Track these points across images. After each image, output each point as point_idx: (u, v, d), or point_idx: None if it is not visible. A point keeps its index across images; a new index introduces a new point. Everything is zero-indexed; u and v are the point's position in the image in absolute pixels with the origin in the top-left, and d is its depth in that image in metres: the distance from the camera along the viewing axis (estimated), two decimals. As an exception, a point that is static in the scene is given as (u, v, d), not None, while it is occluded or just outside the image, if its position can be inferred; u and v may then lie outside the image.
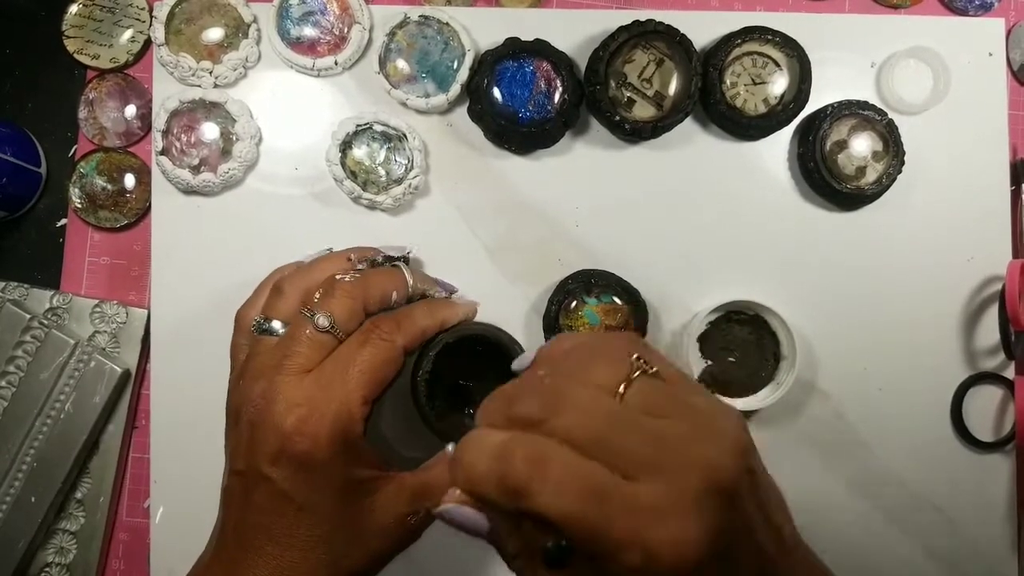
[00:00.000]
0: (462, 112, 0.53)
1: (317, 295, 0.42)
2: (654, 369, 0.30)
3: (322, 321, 0.40)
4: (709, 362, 0.52)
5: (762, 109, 0.51)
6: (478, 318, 0.48)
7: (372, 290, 0.42)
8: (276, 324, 0.42)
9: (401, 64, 0.52)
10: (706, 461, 0.28)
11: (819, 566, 0.33)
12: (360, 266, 0.45)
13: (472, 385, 0.48)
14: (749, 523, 0.29)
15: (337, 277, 0.42)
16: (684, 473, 0.27)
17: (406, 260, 0.48)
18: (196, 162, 0.52)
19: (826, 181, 0.51)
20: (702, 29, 0.52)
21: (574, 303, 0.51)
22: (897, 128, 0.51)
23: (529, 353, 0.36)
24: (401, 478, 0.41)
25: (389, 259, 0.47)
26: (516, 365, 0.37)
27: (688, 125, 0.53)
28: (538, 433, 0.28)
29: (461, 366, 0.47)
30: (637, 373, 0.30)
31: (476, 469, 0.29)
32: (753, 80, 0.51)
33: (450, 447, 0.31)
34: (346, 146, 0.51)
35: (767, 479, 0.31)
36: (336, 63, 0.52)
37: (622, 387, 0.29)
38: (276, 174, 0.53)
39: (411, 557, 0.42)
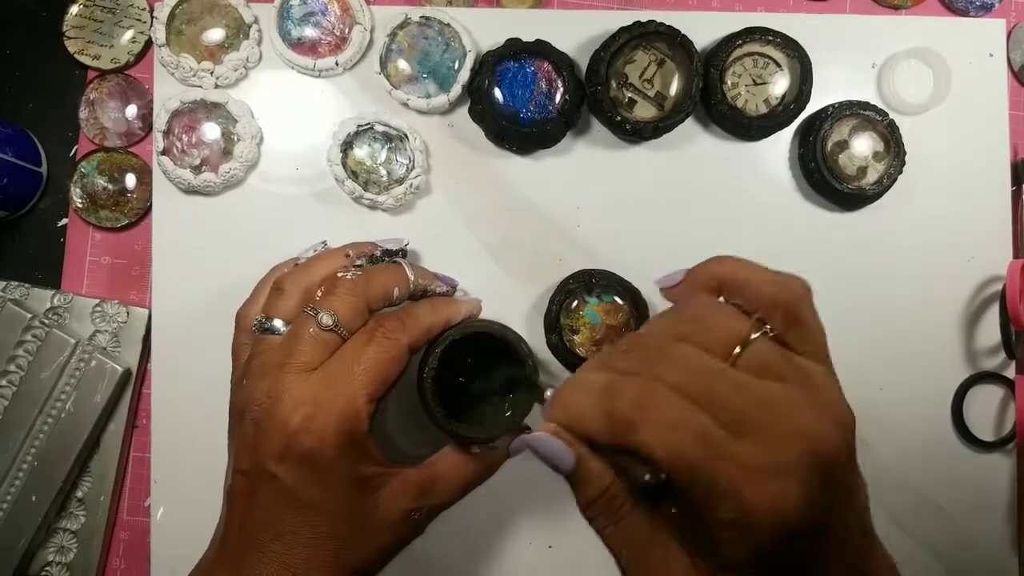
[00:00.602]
0: (463, 112, 0.53)
1: (319, 293, 0.41)
2: (772, 333, 0.30)
3: (326, 319, 0.40)
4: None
5: (763, 109, 0.51)
6: (480, 316, 0.48)
7: (374, 287, 0.42)
8: (278, 323, 0.42)
9: (402, 65, 0.52)
10: (812, 431, 0.28)
11: (891, 558, 0.33)
12: (359, 262, 0.45)
13: (478, 382, 0.48)
14: (842, 499, 0.29)
15: (339, 275, 0.42)
16: (790, 439, 0.27)
17: (404, 253, 0.48)
18: (197, 162, 0.52)
19: (827, 181, 0.51)
20: (703, 30, 0.52)
21: (575, 302, 0.51)
22: (898, 128, 0.51)
23: (676, 274, 0.35)
24: (406, 474, 0.41)
25: (388, 253, 0.47)
26: (661, 283, 0.36)
27: (689, 126, 0.53)
28: (643, 377, 0.29)
29: (467, 363, 0.47)
30: (757, 334, 0.30)
31: (580, 402, 0.29)
32: (754, 80, 0.51)
33: (549, 392, 0.31)
34: (347, 146, 0.51)
35: (858, 466, 0.31)
36: (337, 64, 0.52)
37: (738, 348, 0.29)
38: (277, 174, 0.53)
39: (413, 556, 0.42)
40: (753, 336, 0.30)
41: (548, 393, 0.31)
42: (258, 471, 0.39)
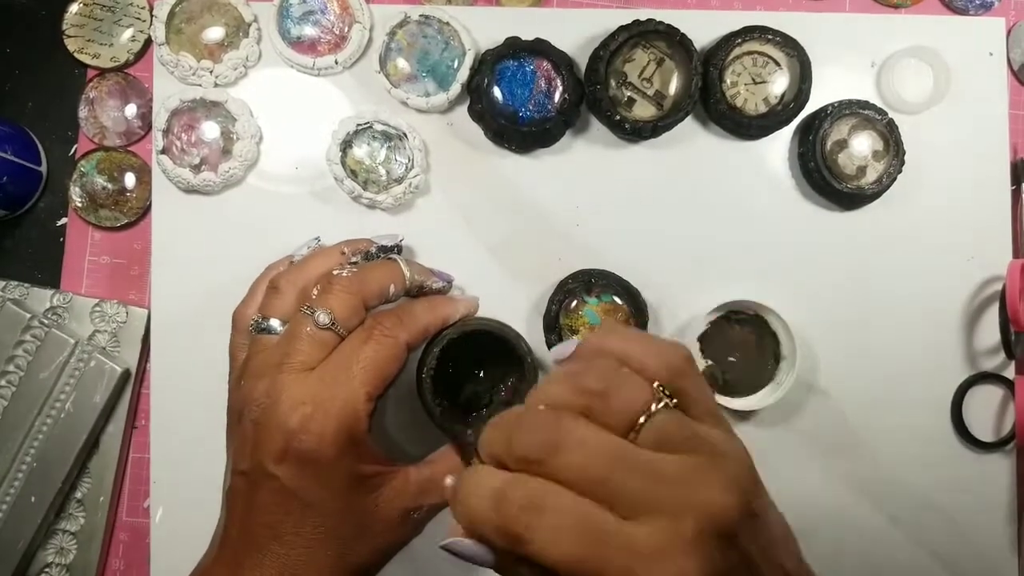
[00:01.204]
0: (462, 111, 0.53)
1: (315, 292, 0.41)
2: (674, 402, 0.30)
3: (322, 318, 0.40)
4: (709, 362, 0.52)
5: (762, 108, 0.51)
6: (479, 314, 0.48)
7: (370, 284, 0.42)
8: (274, 323, 0.42)
9: (401, 63, 0.52)
10: (707, 502, 0.27)
11: None
12: (354, 259, 0.45)
13: (476, 380, 0.48)
14: (750, 563, 0.28)
15: (334, 273, 0.42)
16: (683, 513, 0.27)
17: (399, 249, 0.48)
18: (197, 161, 0.52)
19: (826, 180, 0.51)
20: (702, 28, 0.52)
21: (574, 302, 0.51)
22: (897, 127, 0.51)
23: (568, 345, 0.34)
24: (406, 472, 0.41)
25: (383, 250, 0.47)
26: (554, 355, 0.35)
27: (688, 124, 0.53)
28: (537, 474, 0.28)
29: (465, 361, 0.47)
30: (658, 405, 0.29)
31: (475, 511, 0.28)
32: (753, 79, 0.51)
33: (449, 480, 0.31)
34: (346, 145, 0.51)
35: (774, 515, 0.31)
36: (336, 62, 0.52)
37: (642, 419, 0.29)
38: (276, 173, 0.53)
39: (412, 554, 0.42)
40: (654, 408, 0.29)
41: (449, 481, 0.31)
42: (258, 472, 0.39)
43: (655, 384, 0.30)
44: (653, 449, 0.28)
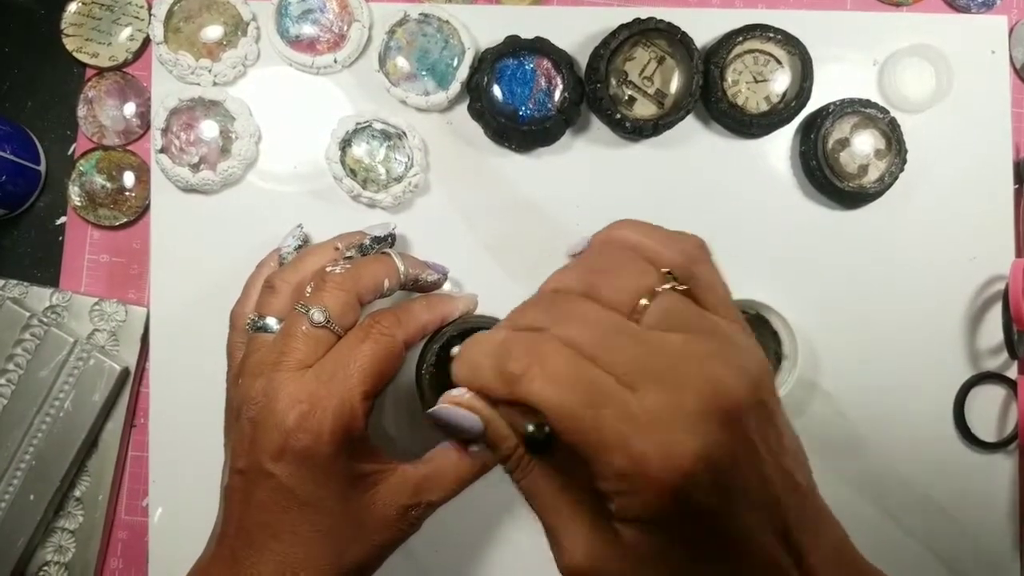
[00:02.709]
0: (462, 110, 0.52)
1: (308, 290, 0.41)
2: (683, 287, 0.30)
3: (317, 316, 0.40)
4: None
5: (764, 107, 0.51)
6: (477, 312, 0.48)
7: (364, 280, 0.42)
8: (270, 321, 0.42)
9: (401, 62, 0.52)
10: (714, 379, 0.27)
11: (836, 521, 0.31)
12: (349, 253, 0.45)
13: None
14: (753, 453, 0.28)
15: (327, 269, 0.42)
16: (688, 387, 0.27)
17: (392, 239, 0.48)
18: (195, 160, 0.51)
19: (828, 179, 0.51)
20: (703, 26, 0.52)
21: (574, 302, 0.51)
22: (899, 126, 0.51)
23: (582, 239, 0.35)
24: (403, 470, 0.41)
25: (376, 241, 0.47)
26: (568, 249, 0.36)
27: (689, 123, 0.53)
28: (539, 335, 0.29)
29: None
30: (664, 287, 0.29)
31: (476, 360, 0.29)
32: (755, 78, 0.51)
33: (455, 349, 0.32)
34: (346, 144, 0.51)
35: (788, 427, 0.30)
36: (335, 61, 0.52)
37: (644, 301, 0.29)
38: (275, 172, 0.53)
39: (412, 553, 0.42)
40: (659, 289, 0.29)
41: (454, 350, 0.32)
42: (255, 470, 0.39)
43: (664, 270, 0.30)
44: (658, 329, 0.28)
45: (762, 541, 0.28)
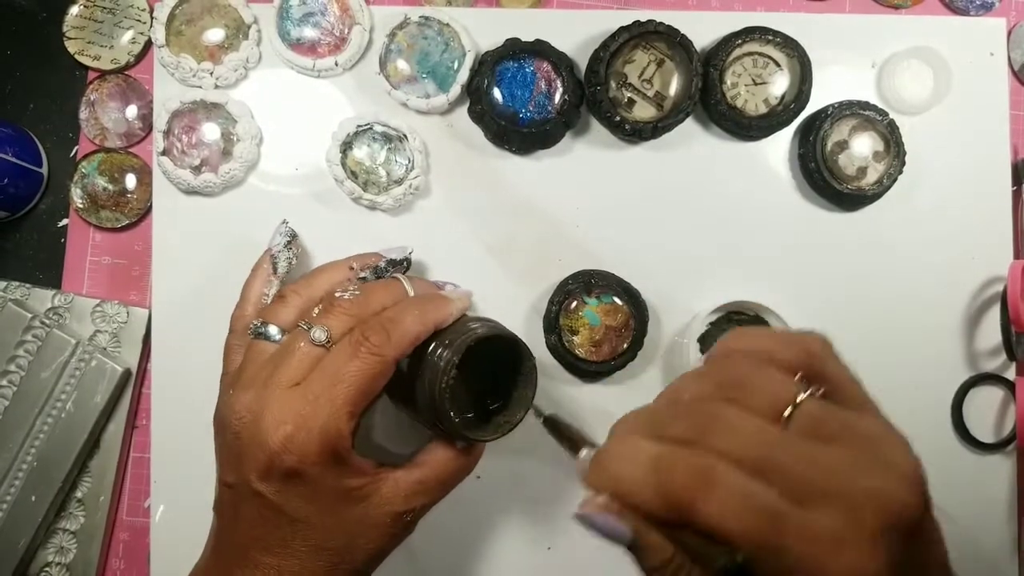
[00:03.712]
0: (462, 113, 0.53)
1: (316, 311, 0.41)
2: (820, 391, 0.29)
3: (318, 335, 0.40)
4: (709, 363, 0.52)
5: (763, 109, 0.51)
6: (475, 313, 0.48)
7: (372, 307, 0.42)
8: (272, 329, 0.42)
9: (401, 65, 0.52)
10: (883, 492, 0.26)
11: None
12: (363, 274, 0.45)
13: (473, 378, 0.48)
14: (922, 554, 0.28)
15: (336, 294, 0.42)
16: (861, 504, 0.26)
17: (408, 263, 0.48)
18: (197, 162, 0.52)
19: (827, 181, 0.51)
20: (702, 29, 0.52)
21: (574, 303, 0.51)
22: (898, 128, 0.51)
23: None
24: (394, 479, 0.41)
25: (392, 264, 0.47)
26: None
27: (689, 125, 0.53)
28: (696, 450, 0.27)
29: (467, 365, 0.47)
30: (803, 395, 0.28)
31: (632, 476, 0.27)
32: (754, 80, 0.51)
33: (584, 452, 0.31)
34: (347, 147, 0.51)
35: (932, 512, 0.30)
36: (336, 64, 0.52)
37: (788, 410, 0.28)
38: (277, 174, 0.53)
39: (412, 553, 0.42)
40: (800, 397, 0.28)
41: (583, 453, 0.31)
42: (243, 487, 0.39)
43: (796, 376, 0.29)
44: (808, 439, 0.27)
45: None
